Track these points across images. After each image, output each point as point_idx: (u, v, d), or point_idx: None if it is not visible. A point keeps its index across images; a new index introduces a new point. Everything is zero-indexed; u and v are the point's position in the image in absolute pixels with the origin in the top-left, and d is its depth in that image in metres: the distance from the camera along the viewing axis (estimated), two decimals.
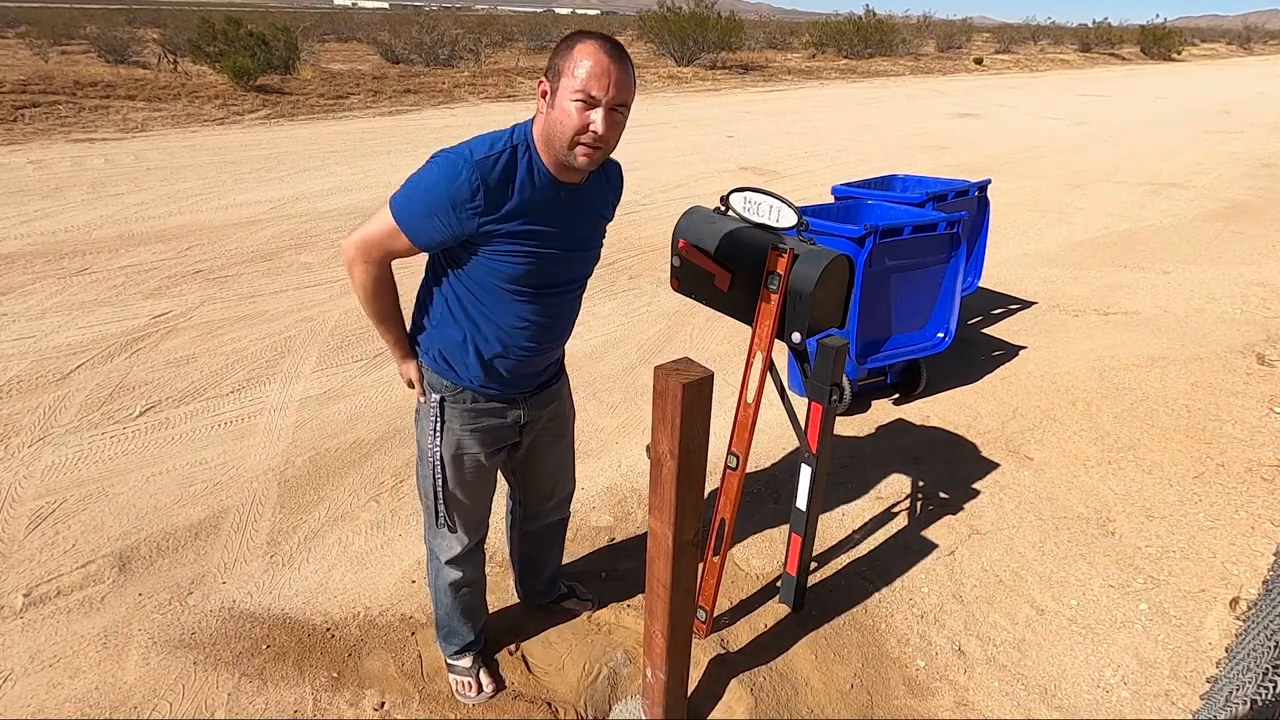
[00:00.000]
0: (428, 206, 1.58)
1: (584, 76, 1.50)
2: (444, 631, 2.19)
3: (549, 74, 1.56)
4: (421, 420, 1.89)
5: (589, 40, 1.52)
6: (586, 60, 1.50)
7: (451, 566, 2.04)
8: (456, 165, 1.55)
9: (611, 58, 1.51)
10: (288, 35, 15.80)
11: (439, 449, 1.85)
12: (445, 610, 2.14)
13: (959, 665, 2.31)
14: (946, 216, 3.63)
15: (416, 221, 1.60)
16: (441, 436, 1.84)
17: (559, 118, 1.54)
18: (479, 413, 1.84)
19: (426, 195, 1.58)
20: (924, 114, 15.45)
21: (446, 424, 1.83)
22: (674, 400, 1.55)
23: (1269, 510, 3.04)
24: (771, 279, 1.99)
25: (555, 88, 1.54)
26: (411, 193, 1.60)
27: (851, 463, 3.36)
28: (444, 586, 2.09)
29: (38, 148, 9.38)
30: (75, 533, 2.77)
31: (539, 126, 1.61)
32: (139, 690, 2.16)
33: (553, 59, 1.55)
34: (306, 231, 6.33)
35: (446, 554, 2.02)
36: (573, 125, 1.53)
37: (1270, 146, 12.23)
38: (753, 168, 9.45)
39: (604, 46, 1.52)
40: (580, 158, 1.57)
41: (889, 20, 31.64)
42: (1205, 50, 53.59)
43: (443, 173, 1.56)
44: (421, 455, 1.92)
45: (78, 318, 4.55)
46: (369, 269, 1.70)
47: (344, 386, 3.88)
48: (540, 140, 1.61)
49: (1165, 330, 4.82)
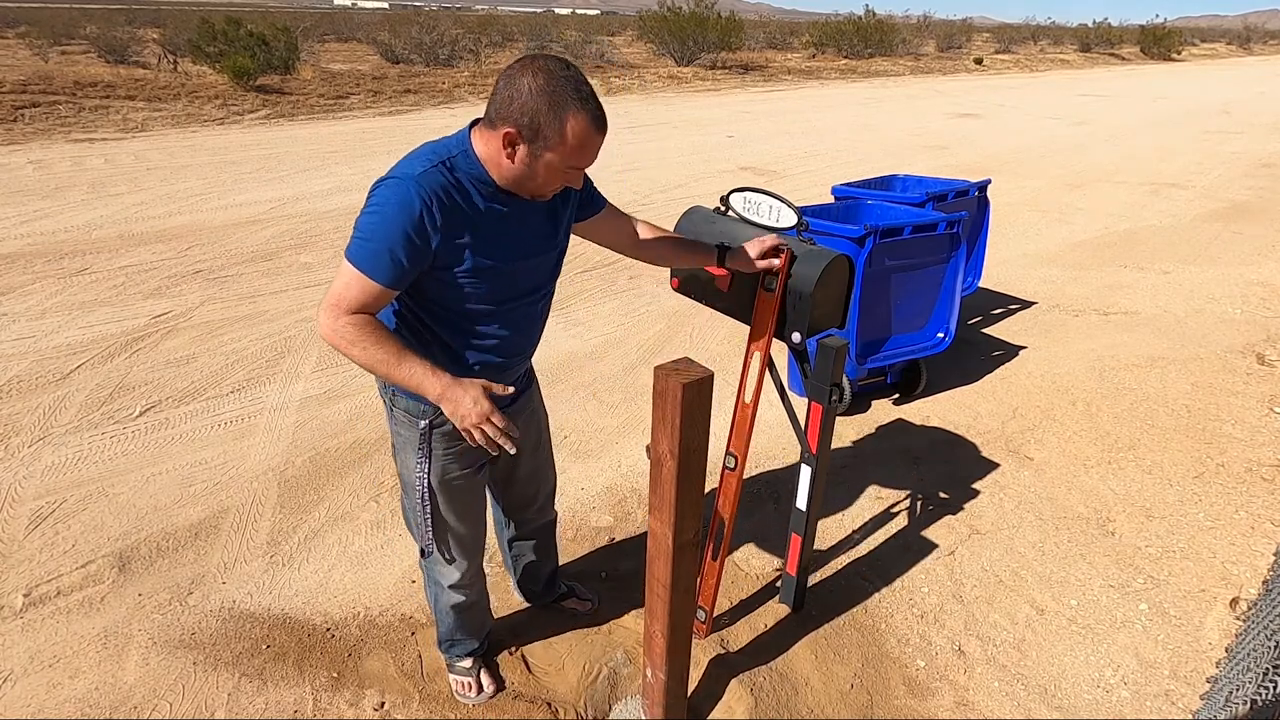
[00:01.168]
0: (387, 241, 1.44)
1: (576, 157, 1.47)
2: (446, 644, 2.18)
3: (524, 130, 1.43)
4: (403, 452, 1.81)
5: (581, 116, 1.43)
6: (580, 145, 1.46)
7: (454, 591, 2.01)
8: (403, 189, 1.45)
9: (600, 131, 1.48)
10: (288, 35, 15.80)
11: (427, 477, 1.77)
12: (448, 627, 2.13)
13: (959, 665, 2.31)
14: (946, 216, 3.63)
15: (379, 261, 1.45)
16: (429, 464, 1.76)
17: (541, 178, 1.50)
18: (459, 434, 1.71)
19: (382, 229, 1.44)
20: (924, 114, 15.45)
21: (433, 450, 1.75)
22: (674, 400, 1.55)
23: (1269, 510, 3.04)
24: (769, 278, 2.00)
25: (537, 153, 1.46)
26: (366, 235, 1.46)
27: (851, 463, 3.36)
28: (446, 608, 2.07)
29: (38, 148, 9.38)
30: (75, 533, 2.77)
31: (495, 161, 1.50)
32: (139, 690, 2.16)
33: (530, 114, 1.42)
34: (306, 231, 6.33)
35: (448, 579, 1.98)
36: (553, 185, 1.53)
37: (1270, 146, 12.23)
38: (753, 168, 9.45)
39: (598, 120, 1.46)
40: (547, 197, 1.59)
41: (889, 20, 31.63)
42: (1205, 50, 53.60)
43: (391, 202, 1.45)
44: (408, 488, 1.84)
45: (78, 318, 4.55)
46: (349, 322, 1.48)
47: (344, 386, 3.88)
48: (493, 168, 1.51)
49: (1165, 330, 4.82)
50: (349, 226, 1.56)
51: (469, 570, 1.98)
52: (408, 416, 1.75)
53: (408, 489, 1.86)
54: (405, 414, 1.75)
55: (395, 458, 1.86)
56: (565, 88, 1.42)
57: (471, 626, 2.14)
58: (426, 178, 1.46)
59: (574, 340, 4.43)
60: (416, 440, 1.74)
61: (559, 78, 1.42)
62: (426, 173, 1.47)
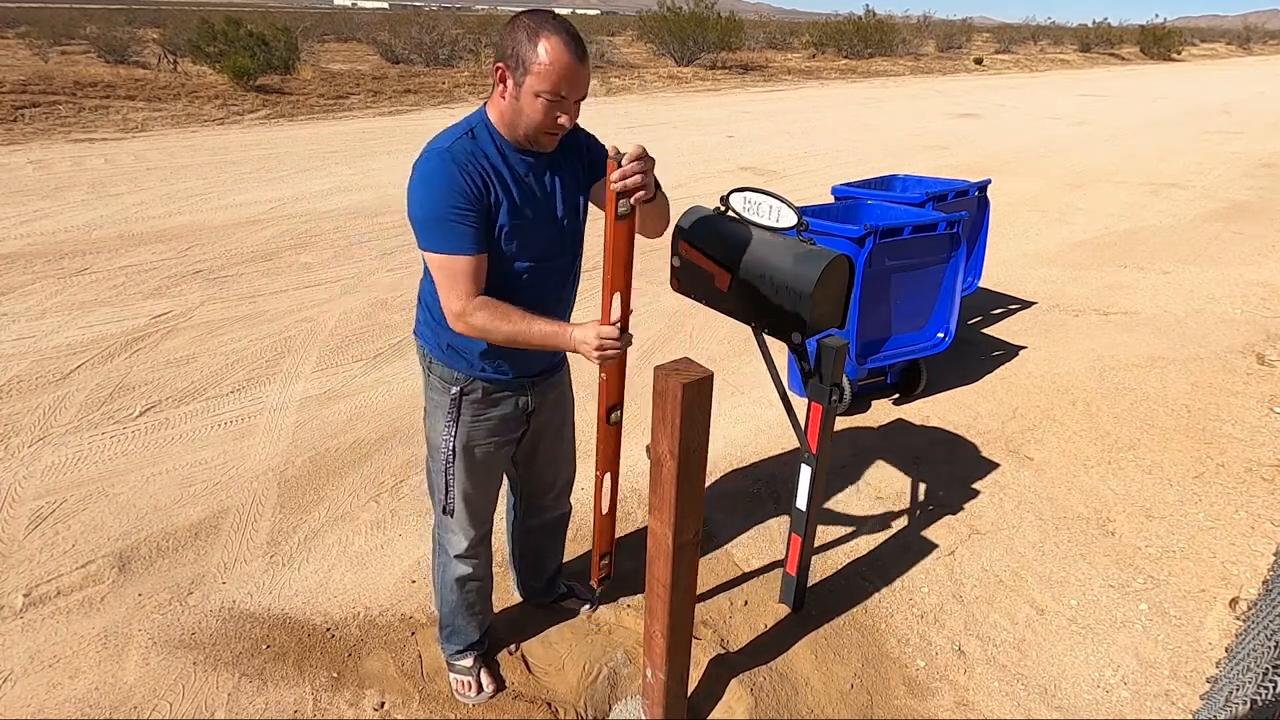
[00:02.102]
0: (446, 214, 1.56)
1: (554, 79, 1.52)
2: (447, 631, 2.18)
3: (509, 61, 1.55)
4: (432, 416, 1.91)
5: (554, 37, 1.51)
6: (554, 63, 1.51)
7: (460, 561, 2.05)
8: (438, 163, 1.57)
9: (577, 58, 1.53)
10: (288, 35, 15.80)
11: (453, 441, 1.87)
12: (450, 608, 2.14)
13: (959, 665, 2.31)
14: (946, 216, 3.63)
15: (452, 234, 1.57)
16: (456, 429, 1.86)
17: (526, 111, 1.57)
18: (490, 403, 1.87)
19: (438, 207, 1.56)
20: (924, 114, 15.45)
21: (461, 416, 1.85)
22: (674, 400, 1.55)
23: (1269, 510, 3.04)
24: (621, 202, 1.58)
25: (519, 82, 1.55)
26: (426, 222, 1.58)
27: (851, 463, 3.36)
28: (449, 582, 2.09)
29: (38, 148, 9.38)
30: (75, 533, 2.77)
31: (498, 110, 1.62)
32: (139, 690, 2.16)
33: (513, 45, 1.54)
34: (306, 231, 6.33)
35: (455, 548, 2.03)
36: (540, 120, 1.57)
37: (1270, 146, 12.23)
38: (753, 168, 9.45)
39: (570, 47, 1.52)
40: (546, 143, 1.64)
41: (889, 20, 31.63)
42: (1205, 50, 53.60)
43: (430, 180, 1.57)
44: (433, 450, 1.93)
45: (78, 318, 4.55)
46: (472, 311, 1.60)
47: (344, 386, 3.88)
48: (500, 122, 1.63)
49: (1165, 330, 4.82)
50: (349, 226, 1.59)
51: (476, 539, 2.03)
52: (441, 383, 1.85)
53: (433, 451, 1.94)
54: (439, 380, 1.85)
55: (425, 420, 1.96)
56: (543, 20, 1.53)
57: (473, 606, 2.15)
58: (456, 147, 1.58)
59: None
60: (447, 405, 1.85)
61: (542, 16, 1.54)
62: (455, 144, 1.59)
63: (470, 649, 2.19)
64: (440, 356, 1.83)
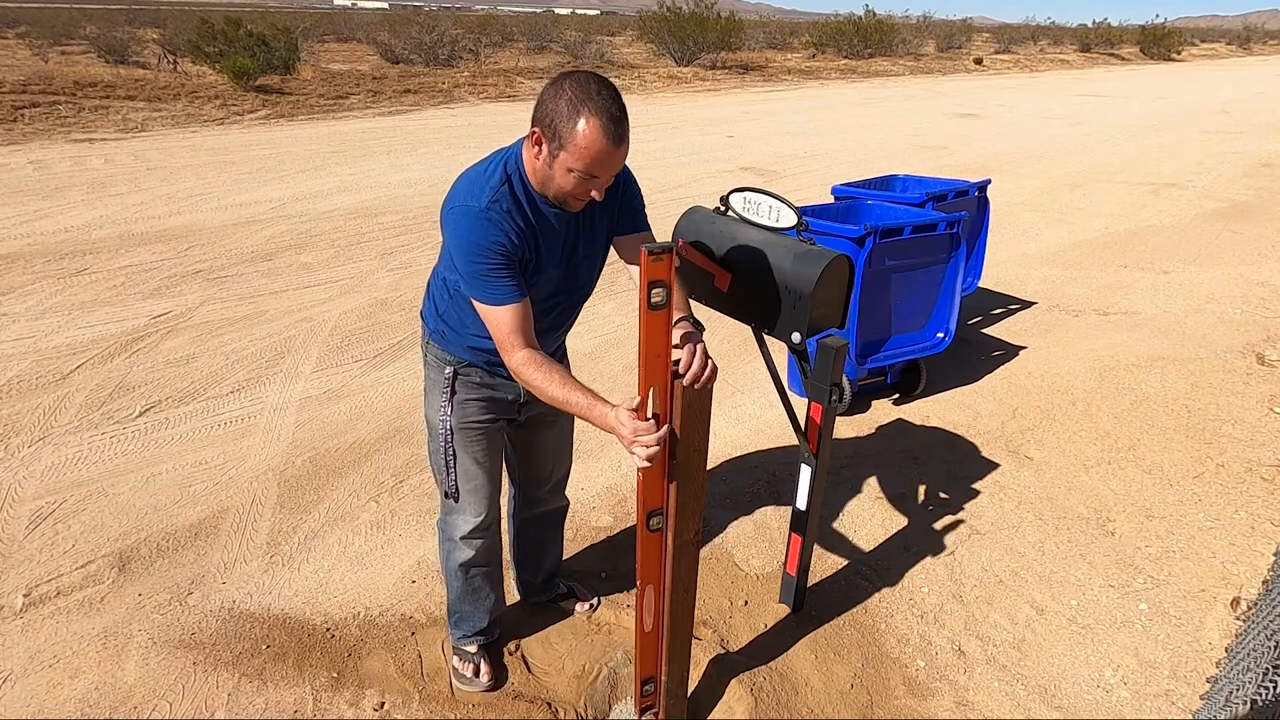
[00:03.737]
0: (491, 270, 1.59)
1: (589, 161, 1.52)
2: (455, 617, 2.21)
3: (545, 129, 1.53)
4: (430, 394, 1.96)
5: (595, 119, 1.48)
6: (590, 146, 1.50)
7: (464, 543, 2.06)
8: (478, 224, 1.58)
9: (614, 143, 1.52)
10: (288, 35, 15.81)
11: (450, 419, 1.92)
12: (456, 594, 2.17)
13: (959, 665, 2.31)
14: (946, 216, 3.63)
15: (498, 288, 1.60)
16: (452, 407, 1.91)
17: (557, 179, 1.58)
18: (484, 384, 1.92)
19: (482, 264, 1.59)
20: (924, 114, 15.45)
21: (457, 393, 1.90)
22: (674, 400, 1.55)
23: (1269, 510, 3.04)
24: (655, 289, 1.43)
25: (554, 152, 1.54)
26: (474, 275, 1.61)
27: (851, 463, 3.36)
28: (455, 568, 2.11)
29: (38, 148, 9.38)
30: (75, 533, 2.77)
31: (531, 165, 1.62)
32: (139, 690, 2.16)
33: (552, 115, 1.51)
34: (306, 231, 6.33)
35: (459, 531, 2.04)
36: (571, 190, 1.59)
37: (1270, 146, 12.23)
38: (753, 168, 9.46)
39: (609, 132, 1.50)
40: (574, 207, 1.67)
41: (889, 20, 31.63)
42: (1205, 50, 53.59)
43: (469, 240, 1.59)
44: (432, 430, 1.98)
45: (78, 318, 4.55)
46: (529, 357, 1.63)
47: (344, 386, 3.88)
48: (533, 177, 1.64)
49: (1165, 330, 4.82)
50: (349, 227, 1.59)
51: (481, 522, 2.04)
52: (438, 361, 1.93)
53: (432, 431, 1.98)
54: (436, 359, 1.93)
55: (425, 400, 2.01)
56: (588, 95, 1.49)
57: (478, 595, 2.16)
58: (493, 210, 1.59)
59: (574, 340, 4.40)
60: (442, 383, 1.91)
61: (588, 88, 1.50)
62: (491, 205, 1.59)
63: (477, 635, 2.21)
64: (439, 340, 1.91)
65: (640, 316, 1.46)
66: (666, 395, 1.55)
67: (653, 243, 1.53)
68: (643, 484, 1.64)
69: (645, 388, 1.53)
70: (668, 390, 1.55)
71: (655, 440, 1.53)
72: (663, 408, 1.56)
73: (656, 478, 1.65)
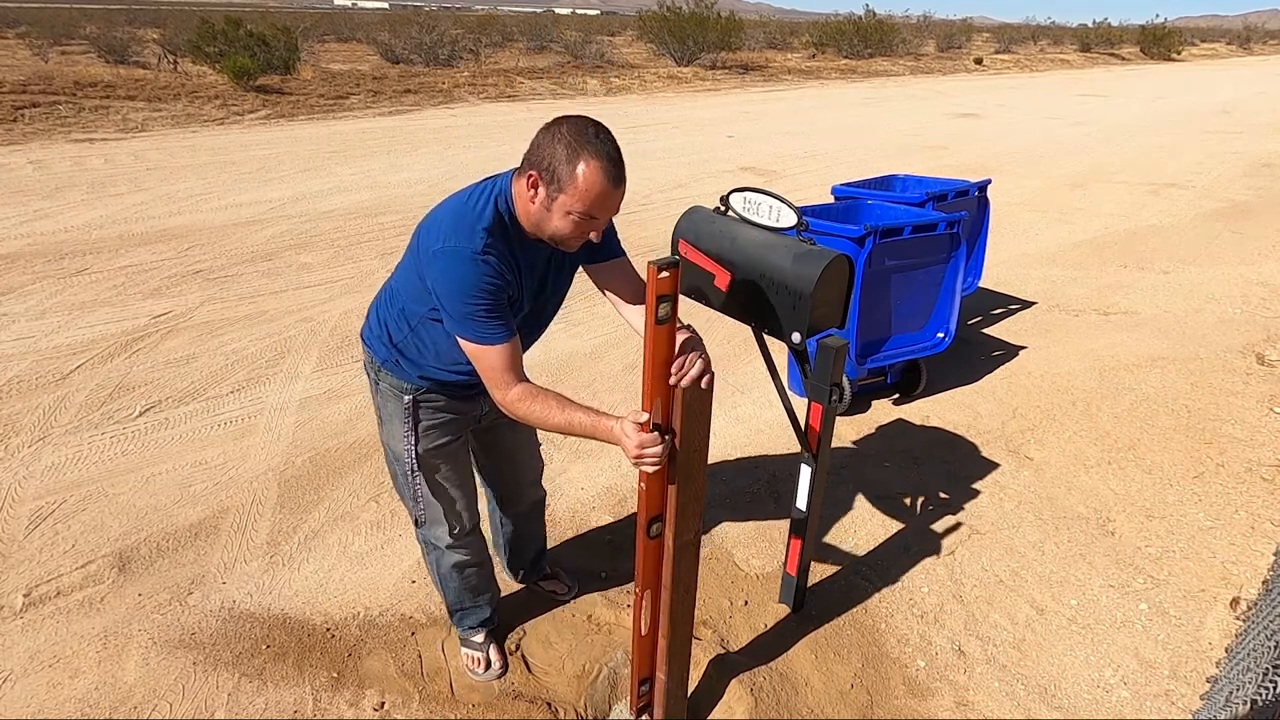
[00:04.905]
0: (482, 310, 1.56)
1: (590, 203, 1.51)
2: (458, 614, 2.23)
3: (543, 173, 1.51)
4: (389, 424, 1.91)
5: (594, 162, 1.47)
6: (590, 189, 1.49)
7: (452, 550, 2.07)
8: (469, 267, 1.54)
9: (614, 184, 1.51)
10: (288, 35, 15.81)
11: (414, 446, 1.88)
12: (454, 594, 2.18)
13: (959, 665, 2.31)
14: (946, 216, 3.63)
15: (488, 327, 1.58)
16: (416, 435, 1.87)
17: (555, 223, 1.56)
18: (447, 408, 1.89)
19: (473, 304, 1.56)
20: (924, 114, 15.45)
21: (421, 420, 1.86)
22: (674, 400, 1.55)
23: (1269, 510, 3.04)
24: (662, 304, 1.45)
25: (553, 195, 1.52)
26: (465, 316, 1.58)
27: (851, 463, 3.36)
28: (448, 571, 2.12)
29: (38, 148, 9.38)
30: (75, 533, 2.77)
31: (524, 207, 1.59)
32: (139, 690, 2.16)
33: (550, 159, 1.49)
34: (306, 231, 6.33)
35: (443, 540, 2.05)
36: (568, 234, 1.57)
37: (1270, 146, 12.23)
38: (753, 168, 9.46)
39: (608, 174, 1.49)
40: (570, 247, 1.64)
41: (889, 20, 31.62)
42: (1205, 50, 53.58)
43: (465, 280, 1.55)
44: (397, 459, 1.94)
45: (78, 318, 4.55)
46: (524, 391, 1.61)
47: (344, 386, 3.88)
48: (524, 218, 1.61)
49: (1165, 330, 4.82)
50: (349, 227, 1.59)
51: (462, 531, 2.05)
52: (394, 391, 1.86)
53: (397, 459, 1.95)
54: (391, 389, 1.86)
55: (381, 430, 1.97)
56: (586, 139, 1.49)
57: (477, 588, 2.19)
58: (489, 250, 1.56)
59: (574, 340, 4.43)
60: (403, 413, 1.85)
61: (585, 131, 1.49)
62: (485, 249, 1.56)
63: (483, 625, 2.24)
64: (393, 367, 1.84)
65: (646, 331, 1.48)
66: (669, 402, 1.57)
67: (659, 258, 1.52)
68: (645, 490, 1.64)
69: (650, 400, 1.54)
70: (671, 399, 1.56)
71: (660, 453, 1.53)
72: (665, 414, 1.57)
73: (658, 487, 1.66)
